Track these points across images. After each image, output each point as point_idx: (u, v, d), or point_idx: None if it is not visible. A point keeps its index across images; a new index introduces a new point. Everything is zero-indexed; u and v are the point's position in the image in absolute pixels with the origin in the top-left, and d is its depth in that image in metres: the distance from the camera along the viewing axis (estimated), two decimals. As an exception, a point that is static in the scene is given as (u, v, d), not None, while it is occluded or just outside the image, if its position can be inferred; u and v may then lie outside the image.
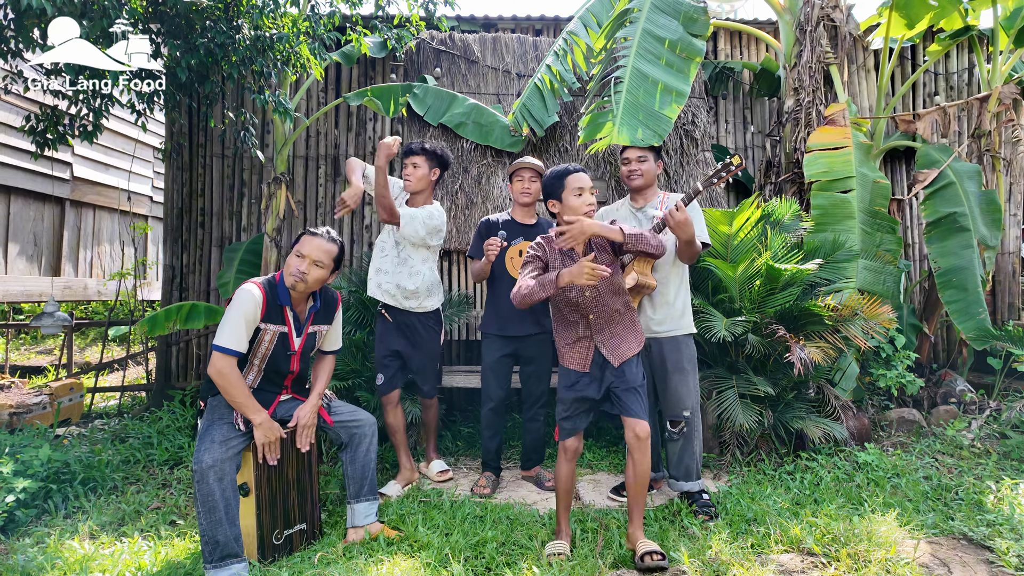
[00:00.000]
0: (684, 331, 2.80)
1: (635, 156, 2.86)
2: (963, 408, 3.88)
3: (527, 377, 3.13)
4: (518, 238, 3.07)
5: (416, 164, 3.08)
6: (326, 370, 2.62)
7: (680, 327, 2.79)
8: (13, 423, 3.81)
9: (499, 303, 3.08)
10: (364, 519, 2.47)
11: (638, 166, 2.85)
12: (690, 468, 2.80)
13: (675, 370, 2.76)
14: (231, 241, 4.74)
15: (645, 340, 2.61)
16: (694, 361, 2.82)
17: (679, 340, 2.78)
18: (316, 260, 2.35)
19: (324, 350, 2.66)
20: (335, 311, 2.60)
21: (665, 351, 2.77)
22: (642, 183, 2.86)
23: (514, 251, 3.04)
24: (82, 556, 2.25)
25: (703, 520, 2.59)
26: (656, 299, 2.79)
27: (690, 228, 2.50)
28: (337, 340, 2.68)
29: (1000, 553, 2.23)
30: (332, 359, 2.67)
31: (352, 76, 4.88)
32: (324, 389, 2.55)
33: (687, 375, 2.77)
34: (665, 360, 2.77)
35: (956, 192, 3.97)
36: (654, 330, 2.78)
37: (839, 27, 4.14)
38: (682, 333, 2.80)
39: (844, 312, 3.13)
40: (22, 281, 5.59)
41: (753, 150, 5.06)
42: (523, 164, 3.11)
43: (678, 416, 2.77)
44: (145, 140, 7.08)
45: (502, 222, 3.14)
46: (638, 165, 2.85)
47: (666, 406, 2.80)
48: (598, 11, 3.85)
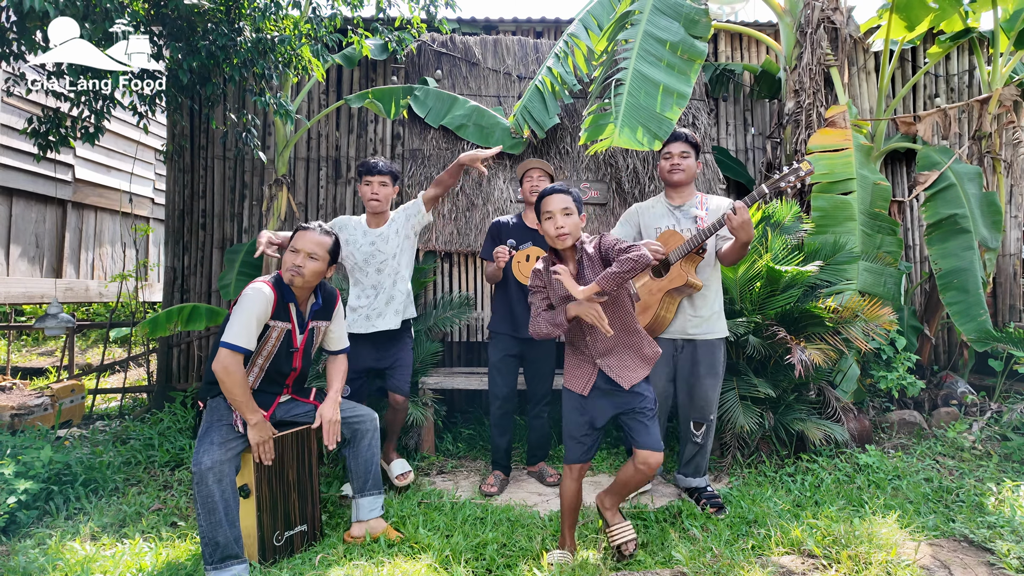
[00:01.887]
0: (719, 335, 2.79)
1: (678, 151, 2.80)
2: (964, 410, 3.87)
3: (531, 377, 3.18)
4: (527, 243, 3.08)
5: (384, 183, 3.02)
6: (340, 370, 2.64)
7: (716, 330, 2.78)
8: (15, 425, 3.81)
9: (511, 305, 3.10)
10: (369, 513, 2.49)
11: (680, 161, 2.80)
12: (700, 466, 2.86)
13: (708, 373, 2.75)
14: (232, 243, 4.75)
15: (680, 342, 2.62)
16: (724, 365, 2.82)
17: (714, 344, 2.77)
18: (310, 253, 2.37)
19: (331, 350, 2.67)
20: (334, 307, 2.60)
21: (699, 353, 2.76)
22: (683, 178, 2.82)
23: (521, 256, 3.04)
24: (83, 557, 2.25)
25: (714, 511, 2.63)
26: (696, 301, 2.76)
27: (751, 229, 2.44)
28: (342, 338, 2.68)
29: (1001, 555, 2.23)
30: (344, 359, 2.68)
31: (353, 78, 4.89)
32: (341, 387, 2.58)
33: (718, 380, 2.78)
34: (699, 363, 2.76)
35: (957, 194, 3.97)
36: (690, 332, 2.76)
37: (839, 29, 4.14)
38: (717, 337, 2.78)
39: (845, 314, 3.13)
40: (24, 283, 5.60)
41: (754, 152, 5.07)
42: (532, 164, 3.11)
43: (703, 419, 2.78)
44: (147, 142, 7.09)
45: (512, 225, 3.14)
46: (680, 160, 2.80)
47: (693, 408, 2.80)
48: (599, 13, 3.86)
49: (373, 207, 3.02)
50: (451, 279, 4.42)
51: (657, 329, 2.81)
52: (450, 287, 4.39)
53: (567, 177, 4.37)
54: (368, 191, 3.01)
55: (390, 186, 3.04)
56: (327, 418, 2.42)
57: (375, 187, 3.00)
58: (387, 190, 3.03)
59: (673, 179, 2.82)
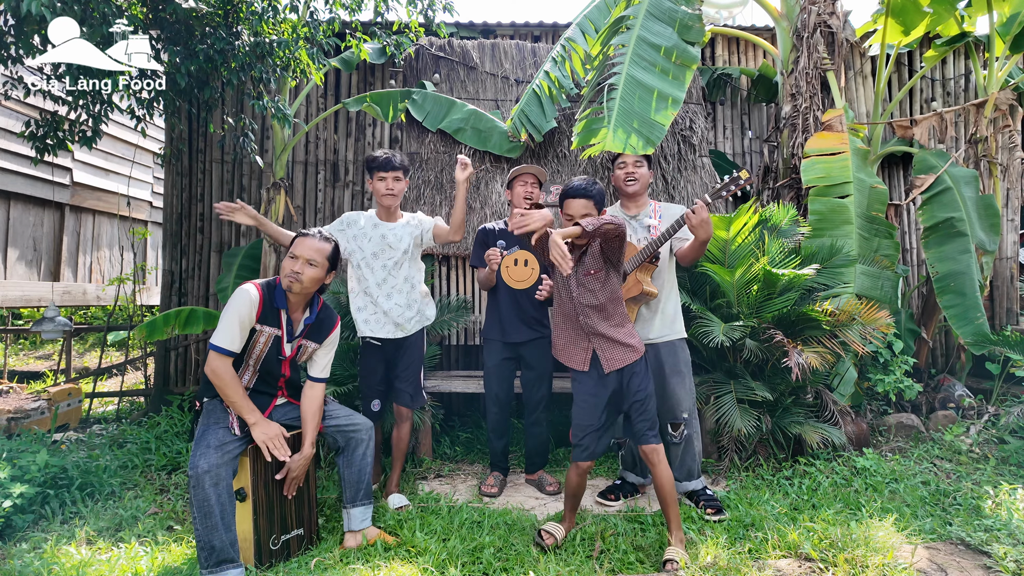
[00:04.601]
0: (678, 335, 2.87)
1: (632, 160, 2.88)
2: (961, 413, 3.87)
3: (528, 382, 3.15)
4: (514, 247, 3.08)
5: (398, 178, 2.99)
6: (316, 409, 2.43)
7: (674, 332, 2.86)
8: (11, 428, 3.80)
9: (500, 310, 3.10)
10: (360, 523, 2.47)
11: (635, 170, 2.87)
12: (692, 469, 2.85)
13: (672, 373, 2.80)
14: (230, 246, 4.75)
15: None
16: (689, 364, 2.87)
17: (675, 344, 2.84)
18: (309, 259, 2.36)
19: (312, 375, 2.50)
20: (329, 332, 2.51)
21: (662, 356, 2.81)
22: (638, 188, 2.88)
23: (509, 260, 3.04)
24: (79, 561, 2.25)
25: (712, 514, 2.64)
26: (654, 306, 2.83)
27: (711, 227, 2.52)
28: (326, 368, 2.52)
29: (998, 558, 2.23)
30: (321, 390, 2.47)
31: (351, 82, 4.90)
32: (315, 432, 2.42)
33: (684, 377, 2.81)
34: (663, 365, 2.81)
35: (953, 197, 3.99)
36: (650, 337, 2.82)
37: (836, 33, 4.16)
38: (676, 338, 2.86)
39: (842, 317, 3.14)
40: (21, 286, 5.60)
41: (751, 155, 5.08)
42: (524, 170, 3.12)
43: (677, 418, 2.79)
44: (145, 146, 7.10)
45: (498, 230, 3.15)
46: (635, 169, 2.87)
47: (665, 409, 2.81)
48: (596, 18, 3.87)
49: (388, 202, 2.97)
50: (449, 282, 4.42)
51: None
52: (448, 290, 4.40)
53: (564, 182, 4.38)
54: (383, 186, 2.95)
55: (403, 180, 3.01)
56: (292, 474, 2.34)
57: (390, 182, 2.96)
58: (401, 185, 3.00)
59: (628, 190, 2.88)
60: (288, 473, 2.34)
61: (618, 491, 2.97)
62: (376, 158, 2.96)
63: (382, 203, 3.00)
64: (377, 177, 2.96)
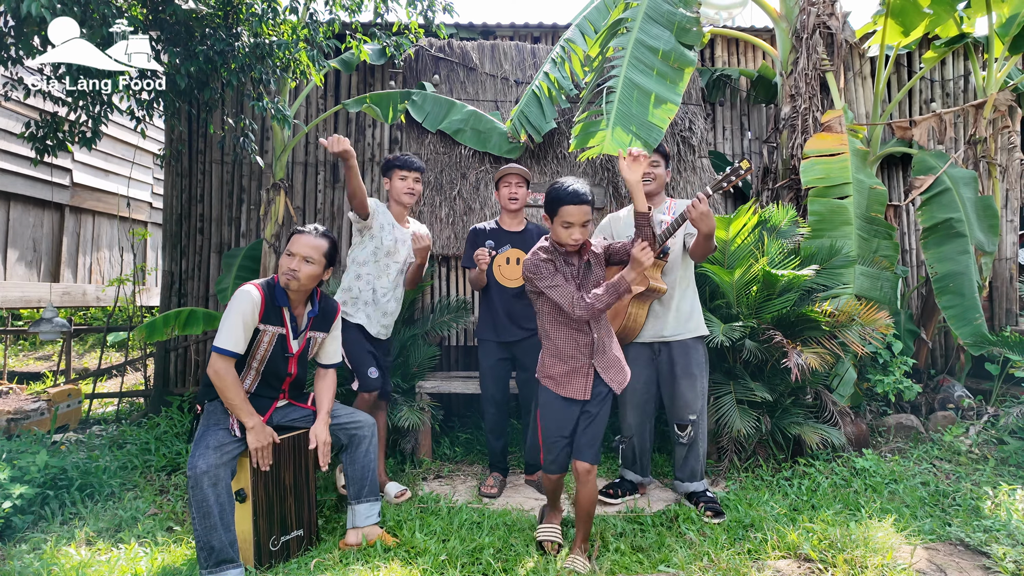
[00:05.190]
0: (692, 334, 2.81)
1: (648, 160, 2.85)
2: (961, 414, 3.88)
3: (524, 382, 3.15)
4: (505, 246, 3.10)
5: (418, 179, 3.04)
6: (330, 387, 2.55)
7: (688, 330, 2.80)
8: (11, 429, 3.80)
9: (493, 309, 3.11)
10: (365, 520, 2.48)
11: (651, 170, 2.87)
12: (695, 470, 2.85)
13: (683, 375, 2.77)
14: (230, 247, 4.75)
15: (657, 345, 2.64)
16: (703, 365, 2.83)
17: (687, 344, 2.80)
18: (306, 256, 2.35)
19: (322, 363, 2.61)
20: (333, 321, 2.58)
21: (675, 355, 2.79)
22: (653, 188, 2.88)
23: (501, 259, 3.06)
24: (78, 562, 2.25)
25: (710, 516, 2.63)
26: (667, 303, 2.80)
27: (712, 220, 2.48)
28: (336, 353, 2.63)
29: (997, 559, 2.23)
30: (334, 375, 2.60)
31: (351, 83, 4.90)
32: (330, 407, 2.50)
33: (695, 380, 2.78)
34: (674, 364, 2.79)
35: (952, 198, 3.99)
36: (663, 335, 2.80)
37: (835, 34, 4.16)
38: (691, 336, 2.81)
39: (841, 318, 3.14)
40: (21, 287, 5.60)
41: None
42: (509, 171, 3.13)
43: (684, 420, 2.79)
44: (144, 146, 7.10)
45: (489, 230, 3.16)
46: (651, 169, 2.87)
47: (673, 410, 2.81)
48: (595, 19, 3.87)
49: (407, 200, 3.03)
50: (448, 283, 4.42)
51: (629, 335, 2.84)
52: (447, 291, 4.40)
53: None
54: (404, 185, 3.00)
55: (420, 183, 3.08)
56: (321, 439, 2.39)
57: (411, 182, 3.01)
58: (419, 186, 3.07)
59: (645, 189, 2.85)
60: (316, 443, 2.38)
61: (618, 488, 2.98)
62: (398, 157, 3.03)
63: (401, 201, 3.03)
64: (398, 176, 3.01)
